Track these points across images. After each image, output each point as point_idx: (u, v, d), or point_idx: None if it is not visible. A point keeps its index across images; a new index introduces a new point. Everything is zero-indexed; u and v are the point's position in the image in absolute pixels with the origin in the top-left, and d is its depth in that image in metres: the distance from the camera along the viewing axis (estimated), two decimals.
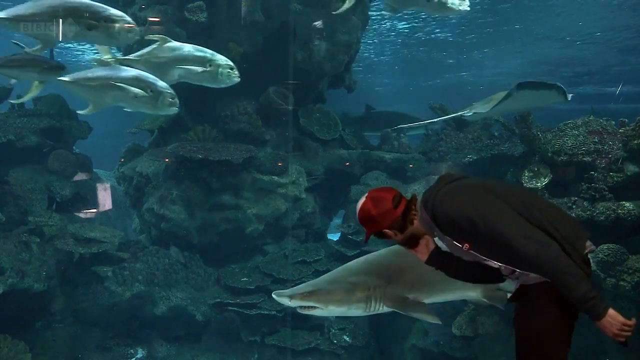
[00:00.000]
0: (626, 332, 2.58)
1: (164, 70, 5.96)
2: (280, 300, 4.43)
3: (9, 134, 8.40)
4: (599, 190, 6.42)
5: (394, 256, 4.59)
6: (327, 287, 4.40)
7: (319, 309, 4.37)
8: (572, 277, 2.53)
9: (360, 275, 4.42)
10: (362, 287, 4.32)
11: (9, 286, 7.34)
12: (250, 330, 8.29)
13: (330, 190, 9.76)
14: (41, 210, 8.43)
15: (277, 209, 8.83)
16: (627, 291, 5.73)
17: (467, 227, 2.65)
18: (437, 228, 2.78)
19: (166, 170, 8.80)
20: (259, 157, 8.81)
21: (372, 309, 4.36)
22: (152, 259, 8.64)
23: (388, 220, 2.89)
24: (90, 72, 5.97)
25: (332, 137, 9.71)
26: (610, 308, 2.57)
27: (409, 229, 2.94)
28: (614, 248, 5.85)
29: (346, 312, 4.46)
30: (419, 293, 4.40)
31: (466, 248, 2.71)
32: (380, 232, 2.93)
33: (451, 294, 4.71)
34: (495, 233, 2.61)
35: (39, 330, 7.96)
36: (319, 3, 9.13)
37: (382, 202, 2.89)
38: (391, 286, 4.33)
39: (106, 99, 5.88)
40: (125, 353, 8.26)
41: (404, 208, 2.90)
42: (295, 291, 4.44)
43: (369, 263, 4.60)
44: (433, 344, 7.91)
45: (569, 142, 6.98)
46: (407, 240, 2.99)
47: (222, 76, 5.99)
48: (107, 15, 5.39)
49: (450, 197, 2.75)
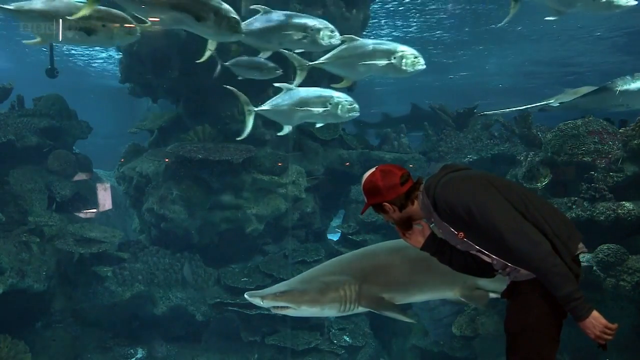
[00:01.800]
0: (607, 335, 2.63)
1: (353, 68, 6.19)
2: (253, 300, 4.38)
3: (9, 134, 8.40)
4: (599, 190, 6.41)
5: (369, 256, 4.62)
6: (300, 287, 4.37)
7: (291, 309, 4.33)
8: (558, 276, 2.59)
9: (334, 275, 4.40)
10: (336, 287, 4.29)
11: (9, 286, 7.34)
12: (250, 330, 8.28)
13: (330, 190, 9.76)
14: (41, 210, 8.43)
15: (277, 209, 8.83)
16: (627, 291, 5.73)
17: (464, 215, 2.71)
18: (436, 213, 2.82)
19: (166, 170, 8.80)
20: (259, 157, 8.81)
21: (346, 309, 4.33)
22: (152, 259, 8.64)
23: (392, 194, 2.92)
24: (280, 99, 6.46)
25: (332, 137, 9.70)
26: (595, 310, 2.62)
27: (408, 209, 2.96)
28: (614, 248, 5.85)
29: (320, 312, 4.42)
30: (394, 293, 4.38)
31: (461, 236, 2.78)
32: (380, 205, 2.95)
33: (428, 294, 4.70)
34: (490, 225, 2.67)
35: (39, 330, 7.96)
36: (319, 3, 9.13)
37: (390, 176, 2.93)
38: (366, 286, 4.31)
39: (295, 119, 6.47)
40: (125, 353, 8.27)
41: (409, 187, 2.94)
42: (268, 291, 4.41)
43: (344, 263, 4.58)
44: (433, 344, 7.92)
45: (569, 142, 6.98)
46: (403, 220, 3.01)
47: (407, 65, 6.07)
48: None
49: (452, 185, 2.80)
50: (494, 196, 2.74)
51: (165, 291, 8.49)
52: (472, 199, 2.71)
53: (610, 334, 2.63)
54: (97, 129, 9.87)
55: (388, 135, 10.64)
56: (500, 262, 2.84)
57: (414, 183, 2.96)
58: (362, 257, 4.61)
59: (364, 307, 4.36)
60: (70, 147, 9.49)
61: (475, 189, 2.77)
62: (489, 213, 2.68)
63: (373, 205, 2.98)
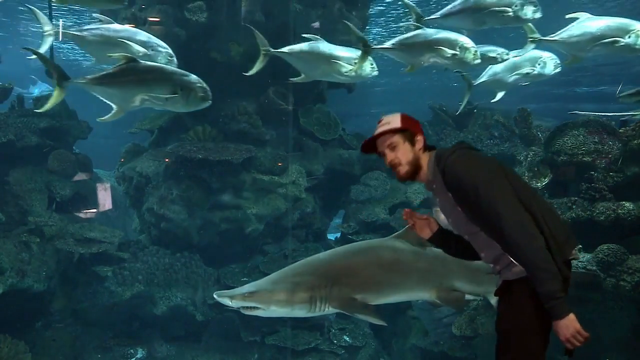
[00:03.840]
0: (578, 340, 2.66)
1: (418, 55, 6.26)
2: (222, 300, 4.33)
3: (9, 134, 8.39)
4: (599, 190, 6.41)
5: (342, 257, 4.59)
6: (269, 287, 4.33)
7: (261, 309, 4.28)
8: (545, 272, 2.62)
9: (305, 275, 4.36)
10: (306, 288, 4.25)
11: (9, 286, 7.34)
12: (250, 330, 8.29)
13: (330, 190, 9.76)
14: (41, 210, 8.42)
15: (277, 209, 8.83)
16: (627, 291, 5.73)
17: (470, 190, 2.75)
18: (442, 182, 2.86)
19: (166, 170, 8.80)
20: (259, 157, 8.81)
21: (316, 310, 4.29)
22: (152, 259, 8.64)
23: (414, 126, 3.01)
24: None
25: (332, 137, 9.70)
26: (572, 314, 2.64)
27: (417, 149, 3.00)
28: (614, 248, 5.86)
29: (290, 312, 4.37)
30: (367, 294, 4.34)
31: (461, 209, 2.84)
32: (403, 132, 2.97)
33: (403, 295, 4.67)
34: (492, 207, 2.70)
35: (39, 330, 7.96)
36: (319, 3, 9.14)
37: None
38: (337, 287, 4.27)
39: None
40: (125, 353, 8.27)
41: (425, 140, 3.04)
42: (237, 291, 4.37)
43: (315, 263, 4.55)
44: (433, 344, 7.91)
45: (569, 142, 6.98)
46: (412, 161, 2.99)
47: (468, 59, 6.16)
48: None
49: (466, 158, 2.85)
50: (502, 181, 2.79)
51: (165, 291, 8.49)
52: (481, 177, 2.76)
53: (581, 341, 2.66)
54: (97, 129, 9.85)
55: None
56: (490, 257, 2.89)
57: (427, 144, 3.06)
58: (334, 258, 4.58)
59: (335, 308, 4.31)
60: (70, 147, 9.48)
61: (486, 168, 2.83)
62: (494, 195, 2.72)
63: (396, 131, 2.97)
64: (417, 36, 6.19)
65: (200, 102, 5.47)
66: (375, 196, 9.33)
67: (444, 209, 3.01)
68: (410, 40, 6.21)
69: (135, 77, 5.29)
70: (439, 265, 4.53)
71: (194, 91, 5.37)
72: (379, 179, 9.48)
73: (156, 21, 8.37)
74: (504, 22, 6.16)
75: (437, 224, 3.21)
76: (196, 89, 5.37)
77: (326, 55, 6.36)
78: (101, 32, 5.90)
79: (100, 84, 5.29)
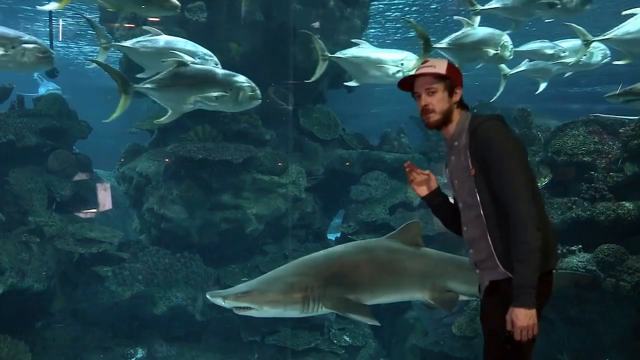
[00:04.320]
0: (529, 334, 2.64)
1: (466, 55, 6.51)
2: (214, 301, 4.33)
3: (9, 134, 8.39)
4: (599, 190, 6.41)
5: (335, 257, 4.58)
6: (262, 287, 4.33)
7: (254, 309, 4.27)
8: (531, 267, 2.62)
9: (298, 275, 4.35)
10: (299, 288, 4.23)
11: (9, 286, 7.34)
12: (250, 330, 8.29)
13: (330, 190, 9.76)
14: (41, 210, 8.42)
15: (277, 209, 8.83)
16: (627, 291, 5.72)
17: (495, 157, 2.73)
18: (468, 141, 2.84)
19: (166, 170, 8.80)
20: (259, 157, 8.81)
21: (310, 311, 4.27)
22: (152, 259, 8.63)
23: (457, 77, 2.96)
24: None
25: (332, 137, 9.70)
26: (535, 310, 2.64)
27: (453, 101, 2.97)
28: (614, 248, 5.84)
29: (282, 313, 4.37)
30: (360, 294, 4.32)
31: (472, 173, 2.81)
32: (444, 78, 2.92)
33: (396, 295, 4.65)
34: (510, 183, 2.70)
35: (39, 330, 7.96)
36: (319, 3, 9.13)
37: None
38: (330, 287, 4.25)
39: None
40: (125, 353, 8.27)
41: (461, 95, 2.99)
42: (230, 292, 4.37)
43: (308, 263, 4.54)
44: (433, 344, 7.90)
45: (569, 142, 6.97)
46: (445, 111, 2.96)
47: (505, 57, 6.43)
48: None
49: (502, 130, 2.84)
50: (527, 166, 2.80)
51: (165, 291, 8.49)
52: (511, 151, 2.75)
53: (529, 337, 2.65)
54: (97, 129, 9.85)
55: (388, 135, 10.63)
56: (481, 254, 2.86)
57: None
58: (328, 258, 4.56)
59: (328, 309, 4.30)
60: (70, 147, 9.48)
61: (518, 146, 2.83)
62: (516, 173, 2.71)
63: (439, 76, 2.92)
64: (467, 36, 6.45)
65: (249, 101, 5.68)
66: (375, 196, 9.33)
67: (455, 170, 2.97)
68: (461, 41, 6.45)
69: (188, 80, 5.52)
70: (433, 266, 4.55)
71: (243, 90, 5.56)
72: (379, 179, 9.48)
73: (156, 21, 8.36)
74: (553, 14, 6.34)
75: (436, 183, 3.20)
76: (245, 88, 5.57)
77: (373, 60, 6.54)
78: (151, 43, 6.15)
79: (158, 89, 5.54)
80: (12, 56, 5.11)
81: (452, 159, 3.00)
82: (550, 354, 6.37)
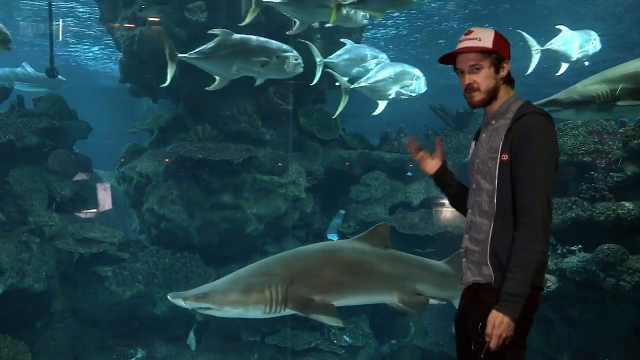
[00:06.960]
0: (502, 341, 2.52)
1: None
2: (175, 301, 4.32)
3: (9, 134, 8.40)
4: (599, 190, 6.41)
5: (301, 257, 4.57)
6: (223, 288, 4.31)
7: (214, 309, 4.26)
8: (528, 275, 2.52)
9: (261, 275, 4.33)
10: (261, 288, 4.21)
11: (9, 286, 7.34)
12: (250, 330, 8.28)
13: (330, 190, 9.75)
14: (41, 210, 8.43)
15: (277, 209, 8.83)
16: (627, 291, 5.73)
17: (534, 149, 2.56)
18: (509, 127, 2.65)
19: (166, 170, 8.79)
20: (259, 157, 8.80)
21: (272, 311, 4.25)
22: (152, 259, 8.64)
23: (505, 50, 2.69)
24: None
25: (332, 137, 9.70)
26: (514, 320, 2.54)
27: (500, 77, 2.73)
28: (614, 248, 5.85)
29: (244, 313, 4.35)
30: (326, 295, 4.29)
31: (505, 158, 2.62)
32: (491, 53, 2.67)
33: (364, 297, 4.62)
34: (533, 186, 2.56)
35: (39, 330, 7.96)
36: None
37: None
38: (293, 287, 4.22)
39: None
40: (125, 353, 8.27)
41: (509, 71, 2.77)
42: (190, 293, 4.37)
43: (272, 263, 4.53)
44: (433, 344, 7.91)
45: (569, 142, 6.98)
46: (491, 90, 2.72)
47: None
48: None
49: (548, 128, 2.63)
50: (553, 176, 2.65)
51: (165, 291, 8.48)
52: (548, 157, 2.59)
53: (501, 344, 2.52)
54: (97, 129, 9.86)
55: (388, 135, 10.63)
56: (475, 243, 2.74)
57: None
58: (293, 258, 4.55)
59: (291, 309, 4.27)
60: (70, 147, 9.48)
61: (554, 154, 2.66)
62: (543, 180, 2.58)
63: (484, 51, 2.65)
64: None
65: (294, 68, 5.88)
66: (375, 196, 9.33)
67: (482, 149, 2.79)
68: None
69: (233, 49, 5.73)
70: (401, 268, 4.51)
71: (287, 58, 5.77)
72: (379, 179, 9.48)
73: (156, 21, 8.36)
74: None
75: (442, 159, 3.13)
76: (289, 56, 5.77)
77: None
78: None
79: (205, 58, 5.77)
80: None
81: (482, 136, 2.84)
82: (550, 354, 6.37)
